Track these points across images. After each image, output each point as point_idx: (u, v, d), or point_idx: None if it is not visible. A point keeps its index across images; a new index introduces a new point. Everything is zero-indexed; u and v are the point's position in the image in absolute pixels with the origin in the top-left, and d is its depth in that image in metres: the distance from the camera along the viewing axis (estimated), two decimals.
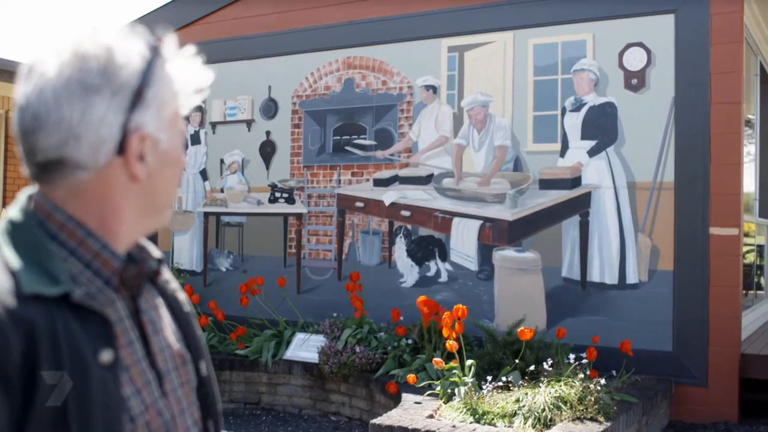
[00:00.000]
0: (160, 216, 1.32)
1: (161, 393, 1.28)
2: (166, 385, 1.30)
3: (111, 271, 1.23)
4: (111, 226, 1.26)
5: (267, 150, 8.45)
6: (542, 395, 5.14)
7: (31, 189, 1.29)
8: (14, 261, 1.18)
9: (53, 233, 1.23)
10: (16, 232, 1.23)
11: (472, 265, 7.26)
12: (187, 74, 1.30)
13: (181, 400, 1.34)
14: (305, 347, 7.14)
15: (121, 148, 1.23)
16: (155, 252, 1.41)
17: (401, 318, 6.95)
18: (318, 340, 7.05)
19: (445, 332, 5.83)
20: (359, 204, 7.84)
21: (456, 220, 7.32)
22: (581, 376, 5.33)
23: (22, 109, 1.19)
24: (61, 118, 1.17)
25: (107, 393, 1.16)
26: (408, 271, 7.56)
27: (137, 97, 1.23)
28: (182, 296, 1.47)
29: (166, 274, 1.47)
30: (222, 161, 8.72)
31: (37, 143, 1.18)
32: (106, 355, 1.17)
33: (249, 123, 8.56)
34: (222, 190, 8.70)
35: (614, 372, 5.99)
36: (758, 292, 8.18)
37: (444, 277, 7.39)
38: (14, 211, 1.25)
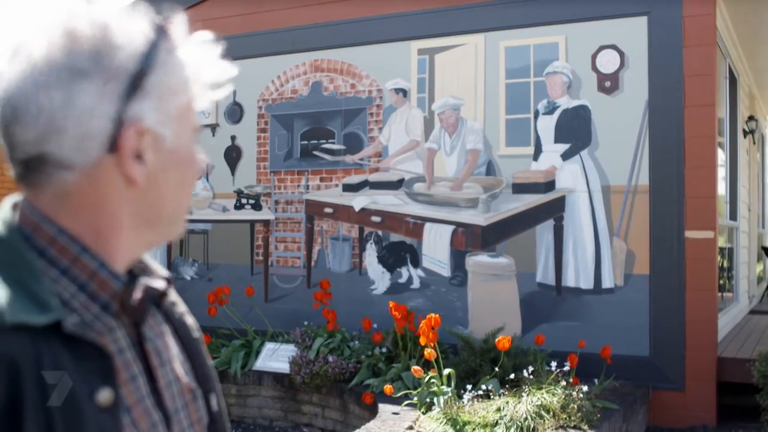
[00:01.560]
0: (168, 228, 1.12)
1: None
2: (175, 426, 1.11)
3: (110, 295, 1.03)
4: (107, 239, 1.06)
5: (232, 155, 8.26)
6: (524, 404, 5.03)
7: (16, 196, 1.08)
8: None
9: (41, 249, 1.03)
10: None
11: (445, 271, 7.14)
12: (201, 62, 1.11)
13: None
14: (275, 357, 6.96)
15: (115, 145, 1.03)
16: (162, 271, 1.22)
17: (374, 326, 6.81)
18: (288, 350, 6.88)
19: (422, 340, 5.69)
20: (328, 210, 7.68)
21: (428, 226, 7.20)
22: (563, 383, 5.24)
23: (2, 97, 0.99)
24: (41, 108, 0.98)
25: None
26: (379, 278, 7.42)
27: (135, 84, 1.03)
28: (191, 321, 1.28)
29: (173, 296, 1.27)
30: None
31: (14, 137, 0.99)
32: (104, 395, 0.97)
33: (213, 127, 8.36)
34: None
35: (593, 378, 5.90)
36: (727, 294, 8.18)
37: (416, 284, 7.27)
38: None
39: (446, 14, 7.18)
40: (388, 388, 5.72)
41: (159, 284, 1.17)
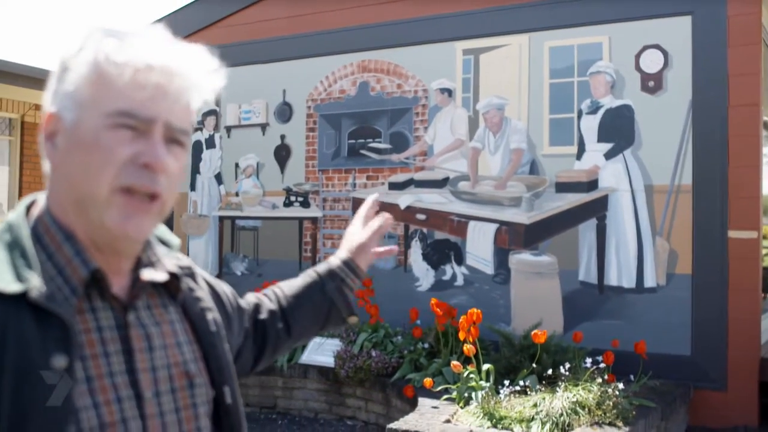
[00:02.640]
0: (95, 213, 1.19)
1: (139, 414, 1.20)
2: (150, 407, 1.22)
3: (78, 280, 1.18)
4: (68, 224, 1.22)
5: (282, 154, 8.44)
6: (560, 400, 5.09)
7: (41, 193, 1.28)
8: None
9: (39, 236, 1.21)
10: (5, 233, 1.21)
11: (488, 269, 7.23)
12: (132, 52, 1.19)
13: (169, 426, 1.24)
14: (321, 351, 7.12)
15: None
16: (172, 265, 1.35)
17: (418, 320, 6.92)
18: (333, 344, 7.03)
19: (461, 336, 5.80)
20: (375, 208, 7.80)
21: (472, 224, 7.29)
22: (599, 380, 5.29)
23: None
24: None
25: (52, 400, 1.10)
26: (423, 275, 7.53)
27: (60, 78, 1.21)
28: (211, 316, 1.39)
29: (199, 292, 1.41)
30: (237, 165, 8.71)
31: None
32: (58, 360, 1.11)
33: (264, 127, 8.56)
34: (237, 194, 8.70)
35: (632, 376, 5.94)
36: None
37: (460, 281, 7.36)
38: (13, 213, 1.25)
39: (491, 15, 7.26)
40: (428, 381, 5.83)
41: (158, 277, 1.30)
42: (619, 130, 6.73)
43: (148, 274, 1.29)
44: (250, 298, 1.78)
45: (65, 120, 1.20)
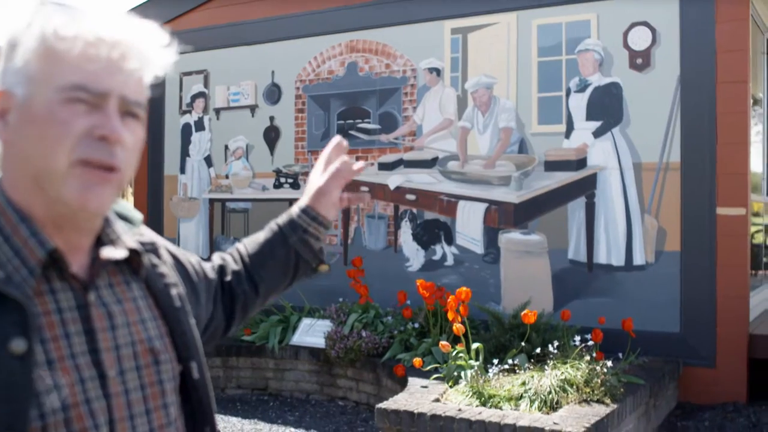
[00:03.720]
0: (53, 188, 1.18)
1: (103, 393, 1.20)
2: (114, 385, 1.21)
3: (35, 261, 1.17)
4: (23, 204, 1.21)
5: (271, 135, 8.42)
6: (548, 378, 5.11)
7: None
8: None
9: None
10: None
11: (478, 249, 7.23)
12: (82, 25, 1.19)
13: (134, 404, 1.24)
14: (312, 332, 7.13)
15: None
16: (132, 241, 1.34)
17: (408, 301, 6.93)
18: (324, 325, 7.04)
19: (450, 316, 5.81)
20: (364, 188, 7.80)
21: (461, 203, 7.29)
22: (587, 358, 5.30)
23: None
24: None
25: (12, 384, 1.09)
26: (414, 255, 7.54)
27: (9, 55, 1.20)
28: (175, 291, 1.39)
29: (163, 267, 1.40)
30: (226, 147, 8.69)
31: None
32: (17, 345, 1.10)
33: (253, 108, 8.53)
34: (227, 177, 8.68)
35: (621, 354, 5.95)
36: (766, 272, 8.12)
37: (450, 261, 7.37)
38: None
39: None
40: (417, 361, 5.84)
41: (117, 254, 1.29)
42: (607, 108, 6.72)
43: (107, 252, 1.28)
44: (215, 260, 1.73)
45: (16, 96, 1.19)
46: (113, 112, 1.18)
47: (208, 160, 8.83)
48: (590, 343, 5.63)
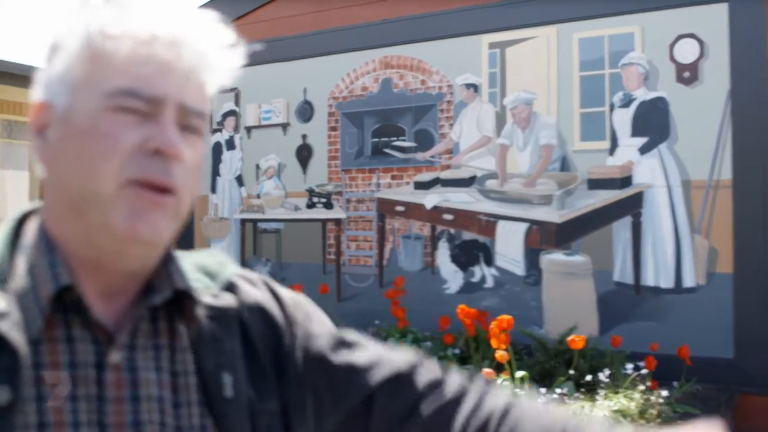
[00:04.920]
0: (94, 213, 0.96)
1: None
2: None
3: (46, 299, 0.96)
4: (59, 236, 1.00)
5: (303, 154, 8.24)
6: (600, 408, 4.86)
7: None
8: None
9: (28, 248, 1.00)
10: None
11: (519, 270, 6.98)
12: (132, 21, 0.98)
13: None
14: None
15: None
16: (182, 280, 1.08)
17: (448, 326, 6.69)
18: None
19: (493, 343, 5.56)
20: (400, 208, 7.59)
21: (501, 223, 7.05)
22: (641, 387, 5.04)
23: None
24: None
25: None
26: (452, 277, 7.30)
27: (50, 61, 1.01)
28: (230, 377, 1.09)
29: (228, 342, 1.12)
30: (258, 166, 8.52)
31: None
32: (0, 396, 0.89)
33: (284, 126, 8.36)
34: (258, 196, 8.50)
35: (673, 381, 5.68)
36: None
37: (490, 283, 7.12)
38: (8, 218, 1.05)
39: (517, 6, 7.00)
40: None
41: (156, 298, 1.05)
42: (653, 123, 6.46)
43: (148, 300, 1.05)
44: (402, 364, 1.21)
45: (57, 107, 0.98)
46: (169, 122, 0.98)
47: (240, 180, 8.66)
48: (643, 371, 5.36)
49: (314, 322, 1.26)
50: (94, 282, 1.00)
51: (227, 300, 1.17)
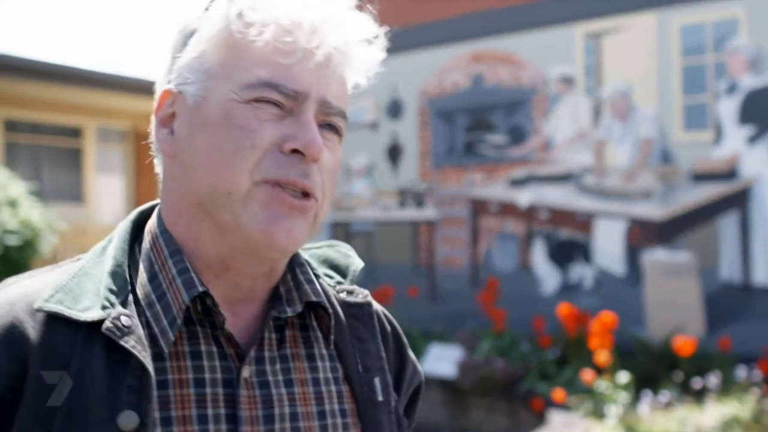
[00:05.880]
0: (224, 212, 0.86)
1: None
2: None
3: (177, 308, 0.85)
4: (181, 238, 0.90)
5: (394, 152, 8.11)
6: (709, 415, 4.57)
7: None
8: (65, 276, 0.86)
9: (148, 251, 0.91)
10: (100, 249, 0.91)
11: (619, 269, 6.69)
12: (275, 6, 0.87)
13: None
14: (441, 360, 6.75)
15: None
16: (314, 291, 0.96)
17: (545, 328, 6.46)
18: (455, 353, 6.65)
19: (595, 343, 5.31)
20: (493, 206, 7.38)
21: (599, 220, 6.78)
22: (756, 392, 4.73)
23: None
24: None
25: None
26: (548, 277, 7.06)
27: (178, 46, 0.91)
28: (380, 379, 0.99)
29: (371, 343, 1.01)
30: (348, 166, 8.43)
31: None
32: (127, 419, 0.79)
33: (374, 125, 8.24)
34: (349, 197, 8.41)
35: None
36: None
37: (588, 283, 6.85)
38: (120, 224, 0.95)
39: None
40: (558, 393, 5.37)
41: (285, 310, 0.94)
42: (762, 112, 6.09)
43: (275, 310, 0.93)
44: None
45: (187, 96, 0.88)
46: (311, 120, 0.87)
47: None
48: (755, 375, 5.03)
49: (416, 411, 1.17)
50: (220, 287, 0.90)
51: (362, 294, 1.06)
